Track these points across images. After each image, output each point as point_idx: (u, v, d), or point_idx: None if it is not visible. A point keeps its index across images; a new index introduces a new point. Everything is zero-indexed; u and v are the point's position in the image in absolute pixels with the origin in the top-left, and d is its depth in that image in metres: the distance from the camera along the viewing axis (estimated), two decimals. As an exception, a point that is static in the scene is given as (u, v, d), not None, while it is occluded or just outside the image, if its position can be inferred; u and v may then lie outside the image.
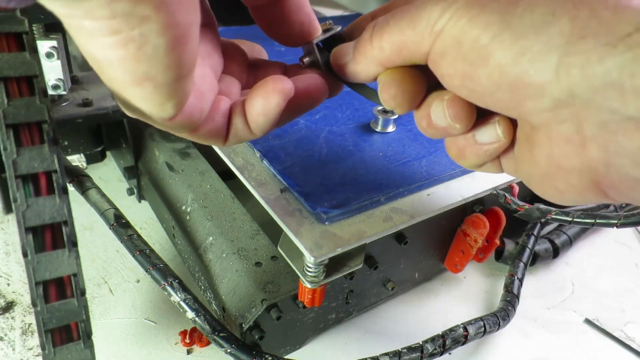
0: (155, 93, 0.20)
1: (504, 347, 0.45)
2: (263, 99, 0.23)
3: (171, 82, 0.20)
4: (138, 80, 0.19)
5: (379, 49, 0.24)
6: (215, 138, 0.25)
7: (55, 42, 0.47)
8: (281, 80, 0.23)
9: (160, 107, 0.21)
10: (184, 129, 0.23)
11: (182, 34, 0.19)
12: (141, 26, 0.17)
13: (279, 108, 0.23)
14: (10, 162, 0.30)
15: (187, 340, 0.42)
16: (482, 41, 0.20)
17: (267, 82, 0.23)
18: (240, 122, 0.24)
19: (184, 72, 0.20)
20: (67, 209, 0.31)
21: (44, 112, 0.31)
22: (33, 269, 0.31)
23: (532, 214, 0.39)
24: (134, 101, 0.21)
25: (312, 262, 0.31)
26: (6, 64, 0.30)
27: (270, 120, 0.24)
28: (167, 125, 0.22)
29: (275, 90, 0.23)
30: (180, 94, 0.21)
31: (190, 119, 0.22)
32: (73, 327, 0.32)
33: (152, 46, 0.18)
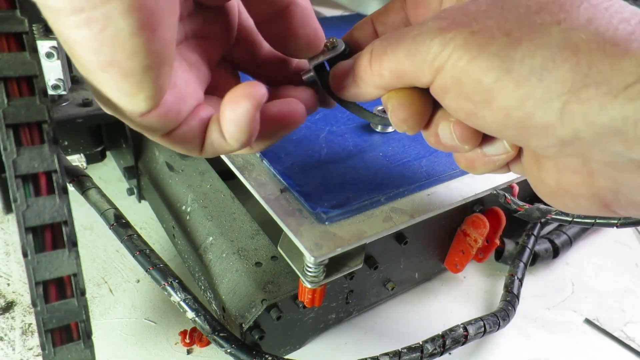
0: (123, 81, 0.19)
1: (504, 347, 0.45)
2: (232, 105, 0.22)
3: (139, 71, 0.19)
4: (104, 64, 0.18)
5: (379, 75, 0.24)
6: (190, 145, 0.24)
7: (55, 42, 0.47)
8: (252, 86, 0.21)
9: (130, 98, 0.20)
10: (157, 129, 0.22)
11: (149, 19, 0.18)
12: (103, 5, 0.17)
13: (249, 115, 0.21)
14: (10, 162, 0.30)
15: (187, 340, 0.42)
16: (484, 84, 0.20)
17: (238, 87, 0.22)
18: (215, 130, 0.23)
19: (153, 62, 0.19)
20: (67, 209, 0.31)
21: (44, 112, 0.31)
22: (33, 269, 0.31)
23: (532, 214, 0.39)
24: (104, 89, 0.20)
25: (312, 262, 0.31)
26: (6, 64, 0.30)
27: (241, 129, 0.22)
28: (140, 122, 0.22)
29: (244, 95, 0.21)
30: (151, 86, 0.20)
31: (165, 119, 0.22)
32: (73, 327, 0.32)
33: (115, 29, 0.17)
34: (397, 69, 0.23)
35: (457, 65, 0.21)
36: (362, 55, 0.25)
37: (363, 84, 0.25)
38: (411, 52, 0.22)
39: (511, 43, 0.19)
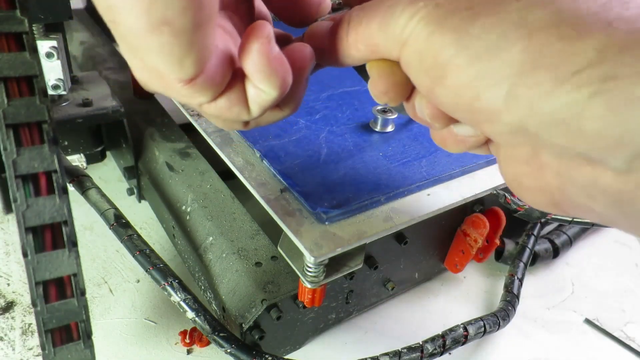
0: (174, 42, 0.18)
1: (504, 347, 0.45)
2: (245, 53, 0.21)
3: (190, 28, 0.18)
4: (155, 25, 0.18)
5: (355, 48, 0.24)
6: (237, 108, 0.23)
7: (55, 42, 0.47)
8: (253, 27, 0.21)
9: (179, 63, 0.19)
10: (203, 94, 0.21)
11: None
12: None
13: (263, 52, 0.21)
14: (10, 162, 0.30)
15: (187, 340, 0.42)
16: (440, 60, 0.19)
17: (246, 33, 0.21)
18: (251, 85, 0.23)
19: (203, 16, 0.18)
20: (67, 209, 0.31)
21: (44, 112, 0.31)
22: (33, 269, 0.31)
23: (532, 214, 0.39)
24: (151, 58, 0.19)
25: (312, 262, 0.31)
26: (6, 64, 0.30)
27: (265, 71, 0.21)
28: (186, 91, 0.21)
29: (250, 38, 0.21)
30: (200, 46, 0.19)
31: (212, 82, 0.21)
32: (73, 327, 0.32)
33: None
34: (371, 42, 0.22)
35: (418, 38, 0.20)
36: (340, 25, 0.24)
37: (338, 54, 0.25)
38: (383, 24, 0.21)
39: (470, 17, 0.18)
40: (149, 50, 0.19)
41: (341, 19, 0.24)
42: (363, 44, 0.23)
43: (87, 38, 0.75)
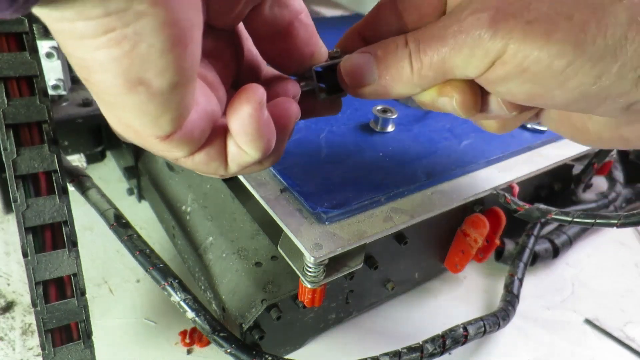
0: (150, 101, 0.18)
1: (504, 347, 0.45)
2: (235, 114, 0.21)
3: (167, 89, 0.18)
4: (131, 84, 0.18)
5: (421, 77, 0.24)
6: (215, 164, 0.23)
7: (55, 42, 0.47)
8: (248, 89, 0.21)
9: (154, 122, 0.19)
10: (180, 150, 0.21)
11: (181, 34, 0.18)
12: (136, 23, 0.16)
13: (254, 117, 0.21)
14: (10, 162, 0.30)
15: (187, 340, 0.42)
16: (556, 68, 0.21)
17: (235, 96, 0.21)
18: (232, 144, 0.22)
19: (181, 79, 0.18)
20: (67, 209, 0.31)
21: (44, 112, 0.31)
22: (33, 269, 0.31)
23: (532, 214, 0.39)
24: (126, 115, 0.19)
25: (312, 262, 0.31)
26: (6, 64, 0.30)
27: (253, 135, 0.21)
28: (162, 147, 0.21)
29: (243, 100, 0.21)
30: (177, 106, 0.19)
31: (189, 139, 0.21)
32: (73, 327, 0.32)
33: (147, 45, 0.17)
34: (443, 66, 0.23)
35: (519, 55, 0.21)
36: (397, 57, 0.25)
37: (398, 83, 0.25)
38: (457, 49, 0.22)
39: (577, 26, 0.20)
40: (124, 108, 0.19)
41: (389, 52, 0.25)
42: (432, 71, 0.24)
43: (87, 38, 0.75)
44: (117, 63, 0.17)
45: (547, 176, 0.51)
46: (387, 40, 0.25)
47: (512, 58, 0.21)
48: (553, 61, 0.21)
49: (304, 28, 0.25)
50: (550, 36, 0.20)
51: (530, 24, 0.20)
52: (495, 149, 0.42)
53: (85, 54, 0.17)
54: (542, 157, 0.44)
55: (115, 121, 0.20)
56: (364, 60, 0.26)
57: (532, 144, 0.44)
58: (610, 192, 0.58)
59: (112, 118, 0.20)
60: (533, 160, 0.43)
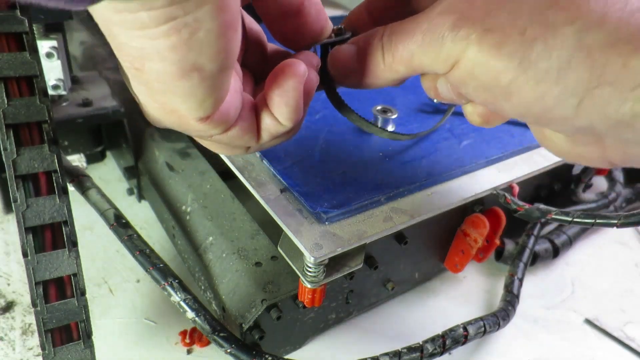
0: (200, 86, 0.19)
1: (504, 347, 0.45)
2: (280, 88, 0.23)
3: (217, 72, 0.19)
4: (186, 70, 0.18)
5: (393, 70, 0.25)
6: (248, 136, 0.24)
7: (55, 42, 0.47)
8: (291, 64, 0.23)
9: (200, 104, 0.20)
10: (217, 128, 0.22)
11: (233, 18, 0.18)
12: (197, 10, 0.17)
13: (297, 92, 0.23)
14: (10, 162, 0.30)
15: (187, 340, 0.42)
16: (501, 82, 0.21)
17: (281, 68, 0.23)
18: (267, 116, 0.24)
19: (229, 61, 0.19)
20: (67, 209, 0.31)
21: (44, 112, 0.31)
22: (33, 269, 0.31)
23: (532, 214, 0.39)
24: (173, 100, 0.20)
25: (312, 262, 0.31)
26: (6, 64, 0.30)
27: (293, 107, 0.23)
28: (201, 127, 0.22)
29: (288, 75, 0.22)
30: (222, 88, 0.20)
31: (226, 117, 0.22)
32: (73, 327, 0.32)
33: (205, 31, 0.18)
34: (412, 63, 0.24)
35: (472, 61, 0.21)
36: (372, 50, 0.25)
37: (373, 76, 0.26)
38: (424, 47, 0.23)
39: (526, 42, 0.20)
40: (173, 94, 0.20)
41: (368, 44, 0.25)
42: (402, 65, 0.24)
43: (87, 38, 0.75)
44: (175, 50, 0.18)
45: (547, 176, 0.51)
46: (375, 29, 0.26)
47: (466, 64, 0.21)
48: (499, 74, 0.21)
49: (314, 6, 0.25)
50: (500, 49, 0.20)
51: (485, 32, 0.21)
52: (495, 149, 0.42)
53: (143, 43, 0.18)
54: (542, 157, 0.44)
55: (156, 107, 0.21)
56: (347, 50, 0.26)
57: (532, 144, 0.44)
58: (610, 192, 0.58)
59: (155, 104, 0.21)
60: (533, 160, 0.43)
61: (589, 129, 0.21)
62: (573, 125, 0.21)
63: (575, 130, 0.22)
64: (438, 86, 0.26)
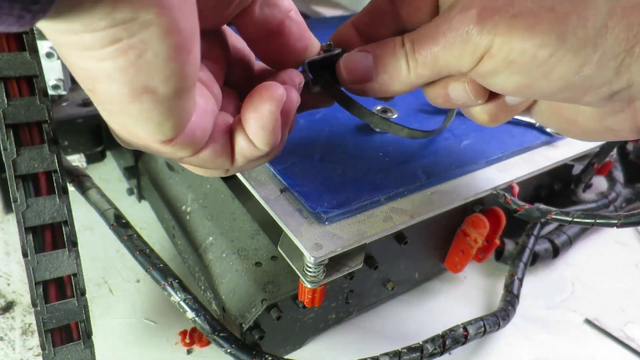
0: (155, 109, 0.19)
1: (504, 347, 0.45)
2: (255, 111, 0.22)
3: (172, 95, 0.19)
4: (137, 93, 0.18)
5: (417, 76, 0.25)
6: (221, 159, 0.23)
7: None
8: (269, 87, 0.22)
9: (158, 128, 0.19)
10: (184, 151, 0.21)
11: (185, 41, 0.18)
12: (142, 32, 0.16)
13: (273, 115, 0.22)
14: (10, 162, 0.30)
15: (187, 340, 0.42)
16: (540, 58, 0.21)
17: (256, 92, 0.22)
18: (242, 139, 0.23)
19: (185, 84, 0.19)
20: (67, 209, 0.31)
21: (44, 112, 0.31)
22: (33, 269, 0.31)
23: (532, 214, 0.39)
24: (130, 123, 0.19)
25: (312, 262, 0.31)
26: (6, 64, 0.30)
27: (269, 131, 0.22)
28: (166, 150, 0.21)
29: (265, 97, 0.22)
30: (180, 111, 0.19)
31: (192, 140, 0.21)
32: (73, 327, 0.32)
33: (153, 53, 0.17)
34: (438, 65, 0.24)
35: (506, 48, 0.22)
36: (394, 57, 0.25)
37: (396, 83, 0.26)
38: (448, 46, 0.23)
39: (559, 18, 0.21)
40: (128, 116, 0.19)
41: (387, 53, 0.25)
42: (427, 69, 0.25)
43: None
44: (123, 72, 0.17)
45: (547, 176, 0.51)
46: (386, 40, 0.26)
47: (498, 51, 0.22)
48: (537, 52, 0.21)
49: (296, 25, 0.25)
50: (534, 28, 0.21)
51: (514, 18, 0.21)
52: (495, 149, 0.42)
53: (91, 64, 0.17)
54: (542, 157, 0.44)
55: (117, 128, 0.21)
56: (363, 58, 0.26)
57: (532, 144, 0.44)
58: (610, 192, 0.58)
59: (115, 125, 0.21)
60: (533, 160, 0.43)
61: (626, 90, 0.21)
62: (611, 89, 0.22)
63: (611, 95, 0.22)
64: (450, 91, 0.26)
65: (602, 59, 0.21)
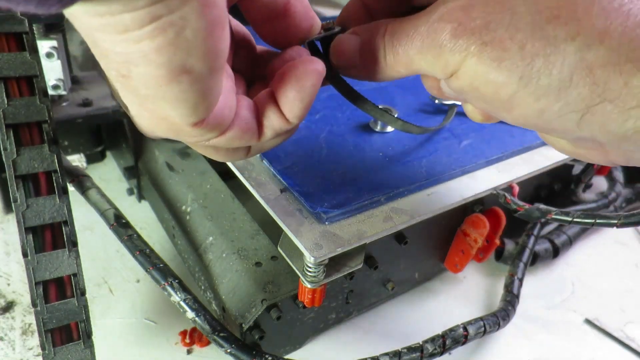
0: (191, 89, 0.18)
1: (504, 347, 0.45)
2: (298, 84, 0.22)
3: (207, 73, 0.18)
4: (175, 73, 0.18)
5: (394, 70, 0.25)
6: (248, 136, 0.23)
7: (55, 42, 0.47)
8: (312, 62, 0.23)
9: (192, 109, 0.19)
10: (213, 131, 0.21)
11: (220, 15, 0.18)
12: (181, 8, 0.16)
13: (315, 89, 0.23)
14: (10, 162, 0.30)
15: (187, 340, 0.42)
16: (501, 95, 0.21)
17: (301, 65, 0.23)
18: (273, 113, 0.23)
19: (219, 61, 0.19)
20: (67, 209, 0.31)
21: (44, 112, 0.31)
22: (33, 269, 0.31)
23: (532, 214, 0.39)
24: (164, 107, 0.19)
25: (312, 262, 0.31)
26: (6, 64, 0.30)
27: (306, 104, 0.23)
28: (195, 132, 0.21)
29: (310, 72, 0.22)
30: (214, 89, 0.20)
31: (221, 119, 0.21)
32: (73, 327, 0.32)
33: (191, 30, 0.17)
34: (412, 67, 0.24)
35: (472, 73, 0.21)
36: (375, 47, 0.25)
37: (376, 72, 0.26)
38: (422, 53, 0.23)
39: (526, 58, 0.20)
40: (163, 99, 0.19)
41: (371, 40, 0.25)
42: (403, 67, 0.24)
43: (87, 38, 0.75)
44: (162, 52, 0.17)
45: (547, 176, 0.51)
46: (375, 24, 0.25)
47: (465, 74, 0.21)
48: (499, 88, 0.21)
49: (300, 4, 0.25)
50: (500, 63, 0.20)
51: (484, 45, 0.20)
52: (495, 149, 0.42)
53: (129, 47, 0.17)
54: (542, 157, 0.44)
55: (148, 116, 0.21)
56: (352, 41, 0.26)
57: (532, 144, 0.44)
58: (610, 192, 0.58)
59: (145, 113, 0.20)
60: (533, 160, 0.43)
61: (591, 139, 0.21)
62: (574, 135, 0.21)
63: (577, 139, 0.22)
64: (442, 86, 0.25)
65: (562, 110, 0.20)
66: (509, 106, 0.21)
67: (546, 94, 0.20)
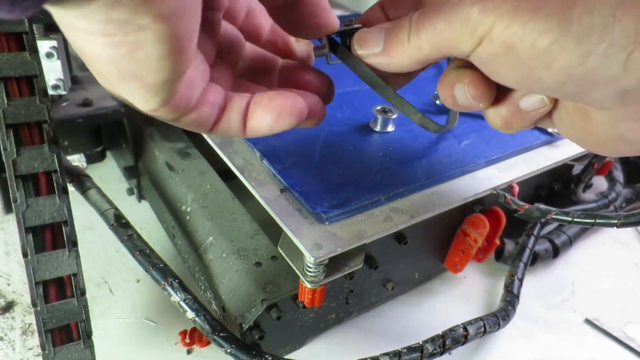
0: (141, 90, 0.20)
1: (504, 347, 0.45)
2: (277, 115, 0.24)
3: (160, 84, 0.20)
4: (125, 77, 0.19)
5: (417, 49, 0.24)
6: (203, 126, 0.24)
7: (55, 42, 0.47)
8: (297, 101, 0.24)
9: (145, 102, 0.21)
10: (168, 118, 0.23)
11: (180, 44, 0.18)
12: (136, 34, 0.17)
13: (290, 127, 0.24)
14: (10, 162, 0.30)
15: (187, 340, 0.42)
16: (540, 47, 0.20)
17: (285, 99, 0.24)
18: (236, 119, 0.24)
19: (175, 76, 0.20)
20: (67, 209, 0.31)
21: (44, 112, 0.31)
22: (33, 269, 0.31)
23: (532, 214, 0.39)
24: (119, 92, 0.21)
25: (312, 262, 0.31)
26: (6, 64, 0.30)
27: (271, 133, 0.24)
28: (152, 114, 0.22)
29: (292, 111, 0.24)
30: (167, 92, 0.21)
31: (176, 109, 0.22)
32: (73, 327, 0.32)
33: (145, 52, 0.18)
34: (437, 39, 0.23)
35: (506, 31, 0.20)
36: (399, 29, 0.25)
37: (397, 54, 0.25)
38: (451, 22, 0.22)
39: (565, 3, 0.19)
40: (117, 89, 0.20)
41: (396, 26, 0.25)
42: (427, 43, 0.24)
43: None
44: (113, 61, 0.18)
45: (547, 176, 0.51)
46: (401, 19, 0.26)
47: (498, 34, 0.21)
48: (537, 38, 0.20)
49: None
50: (538, 12, 0.20)
51: (518, 0, 0.20)
52: (495, 149, 0.42)
53: (85, 47, 0.18)
54: (542, 157, 0.44)
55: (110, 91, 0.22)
56: (375, 32, 0.26)
57: (532, 144, 0.44)
58: (610, 192, 0.58)
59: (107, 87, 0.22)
60: (533, 160, 0.43)
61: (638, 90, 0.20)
62: (620, 86, 0.20)
63: (621, 94, 0.20)
64: (456, 92, 0.25)
65: (608, 50, 0.19)
66: (548, 59, 0.20)
67: (589, 34, 0.19)
